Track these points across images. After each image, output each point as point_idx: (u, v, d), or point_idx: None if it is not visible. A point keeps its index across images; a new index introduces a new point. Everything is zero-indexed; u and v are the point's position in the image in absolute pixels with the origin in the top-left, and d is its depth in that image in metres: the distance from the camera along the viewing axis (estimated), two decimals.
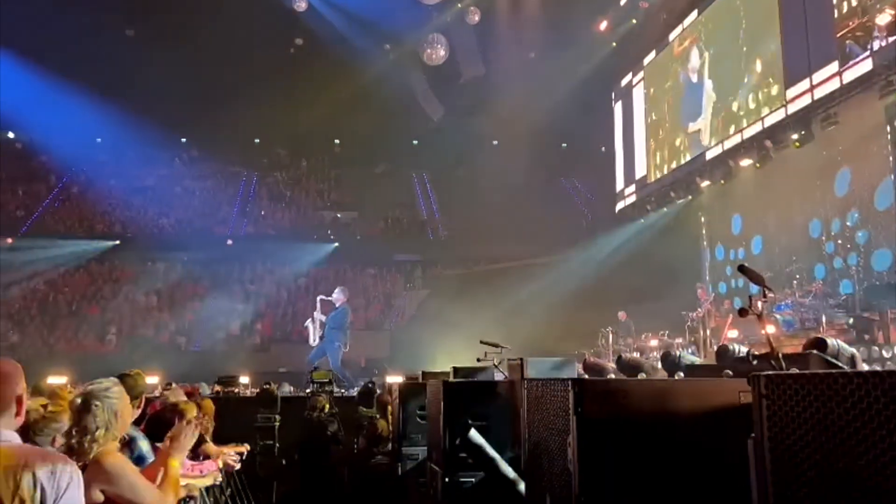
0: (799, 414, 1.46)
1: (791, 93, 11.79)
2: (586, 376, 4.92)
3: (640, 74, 17.86)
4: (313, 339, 11.45)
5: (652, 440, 2.37)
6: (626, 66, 18.59)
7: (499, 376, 5.54)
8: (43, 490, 2.04)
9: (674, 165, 16.09)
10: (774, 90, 12.53)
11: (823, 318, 10.11)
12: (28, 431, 2.74)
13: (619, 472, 2.33)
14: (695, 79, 15.22)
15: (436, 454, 4.51)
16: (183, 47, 19.91)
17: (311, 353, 11.20)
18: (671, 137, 16.28)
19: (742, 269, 2.77)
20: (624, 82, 18.80)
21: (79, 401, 2.95)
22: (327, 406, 7.44)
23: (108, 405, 2.95)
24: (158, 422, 4.40)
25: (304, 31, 20.38)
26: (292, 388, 10.44)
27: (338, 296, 11.16)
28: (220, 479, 5.20)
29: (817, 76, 11.14)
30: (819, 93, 11.13)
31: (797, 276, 12.10)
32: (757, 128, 12.79)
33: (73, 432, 2.83)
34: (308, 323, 11.70)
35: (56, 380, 8.85)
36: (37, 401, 3.22)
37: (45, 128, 20.50)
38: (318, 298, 11.64)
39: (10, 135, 23.06)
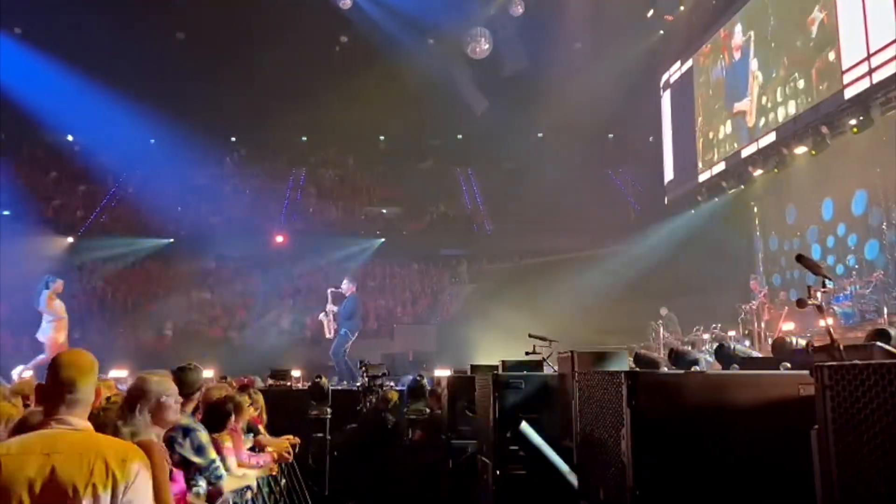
0: (865, 405, 1.43)
1: (848, 77, 11.41)
2: (637, 370, 4.86)
3: (689, 62, 17.49)
4: (328, 332, 11.58)
5: (707, 432, 2.34)
6: (674, 54, 18.23)
7: (548, 370, 5.53)
8: (114, 477, 2.12)
9: (725, 154, 15.73)
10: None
11: (885, 310, 9.76)
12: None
13: (673, 465, 2.32)
14: (738, 56, 14.86)
15: (486, 447, 4.53)
16: (231, 48, 20.35)
17: (332, 347, 11.37)
18: (720, 126, 15.92)
19: (800, 258, 2.71)
20: (672, 71, 18.44)
21: (136, 389, 3.08)
22: (397, 400, 7.55)
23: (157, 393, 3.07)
24: (214, 413, 4.53)
25: (348, 29, 20.57)
26: (344, 382, 10.60)
27: (347, 286, 11.28)
28: (276, 469, 5.32)
29: (876, 59, 10.75)
30: (878, 76, 10.74)
31: (856, 267, 11.72)
32: (810, 116, 12.42)
33: (134, 412, 2.95)
34: (321, 316, 11.80)
35: (117, 373, 9.21)
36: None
37: (102, 130, 21.15)
38: (329, 291, 11.75)
39: (70, 137, 23.86)
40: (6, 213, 21.39)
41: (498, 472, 4.10)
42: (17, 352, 16.87)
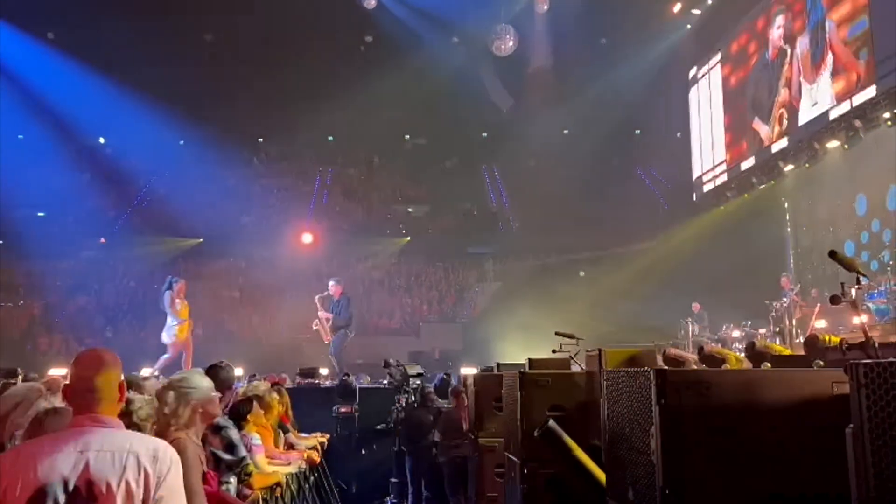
0: None
1: (883, 69, 11.16)
2: (666, 368, 4.81)
3: (717, 56, 17.25)
4: (325, 338, 11.63)
5: (739, 432, 2.31)
6: (703, 48, 18.00)
7: (575, 368, 5.50)
8: (146, 473, 2.15)
9: (755, 149, 15.48)
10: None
11: None
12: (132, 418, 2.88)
13: (704, 464, 2.29)
14: (778, 47, 14.55)
15: (514, 445, 4.51)
16: (257, 49, 20.56)
17: (331, 348, 11.49)
18: (750, 120, 15.68)
19: (833, 254, 2.66)
20: (700, 65, 18.21)
21: (162, 389, 3.12)
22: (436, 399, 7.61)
23: (184, 394, 3.10)
24: (238, 411, 4.59)
25: (373, 29, 20.65)
26: (369, 378, 10.68)
27: (333, 287, 11.41)
28: (304, 467, 5.38)
29: None
30: None
31: (891, 263, 11.48)
32: (845, 107, 12.17)
33: (167, 418, 3.00)
34: (314, 325, 11.80)
35: (149, 372, 9.35)
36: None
37: (133, 132, 21.51)
38: (316, 298, 11.74)
39: (101, 140, 24.27)
40: (41, 214, 21.87)
41: (525, 471, 4.09)
42: (51, 348, 17.29)
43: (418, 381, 8.21)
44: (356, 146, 26.26)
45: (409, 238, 22.72)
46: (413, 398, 7.68)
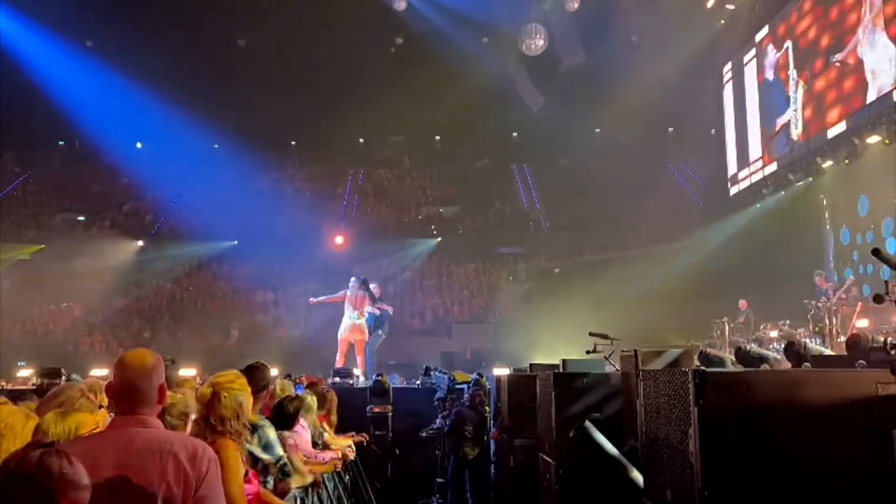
0: None
1: None
2: (704, 368, 4.74)
3: (752, 52, 16.95)
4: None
5: (779, 433, 2.28)
6: (737, 43, 17.69)
7: (609, 368, 5.46)
8: (186, 473, 2.17)
9: (792, 145, 15.18)
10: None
11: None
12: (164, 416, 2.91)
13: (744, 465, 2.26)
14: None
15: (548, 446, 4.50)
16: (290, 53, 20.80)
17: (369, 347, 12.55)
18: (787, 115, 15.36)
19: (877, 252, 2.61)
20: (735, 60, 17.91)
21: (208, 391, 3.15)
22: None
23: (234, 396, 3.13)
24: (281, 411, 4.64)
25: (403, 30, 20.74)
26: (403, 379, 10.72)
27: (376, 288, 13.18)
28: (340, 466, 5.42)
29: None
30: None
31: None
32: (884, 103, 11.83)
33: (209, 419, 3.03)
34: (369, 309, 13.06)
35: (187, 372, 9.49)
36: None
37: (168, 136, 21.92)
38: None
39: (139, 145, 24.77)
40: (81, 218, 22.41)
41: (561, 472, 4.07)
42: (91, 349, 17.69)
43: (464, 387, 8.20)
44: (387, 147, 26.40)
45: (439, 238, 22.75)
46: (462, 400, 7.70)
